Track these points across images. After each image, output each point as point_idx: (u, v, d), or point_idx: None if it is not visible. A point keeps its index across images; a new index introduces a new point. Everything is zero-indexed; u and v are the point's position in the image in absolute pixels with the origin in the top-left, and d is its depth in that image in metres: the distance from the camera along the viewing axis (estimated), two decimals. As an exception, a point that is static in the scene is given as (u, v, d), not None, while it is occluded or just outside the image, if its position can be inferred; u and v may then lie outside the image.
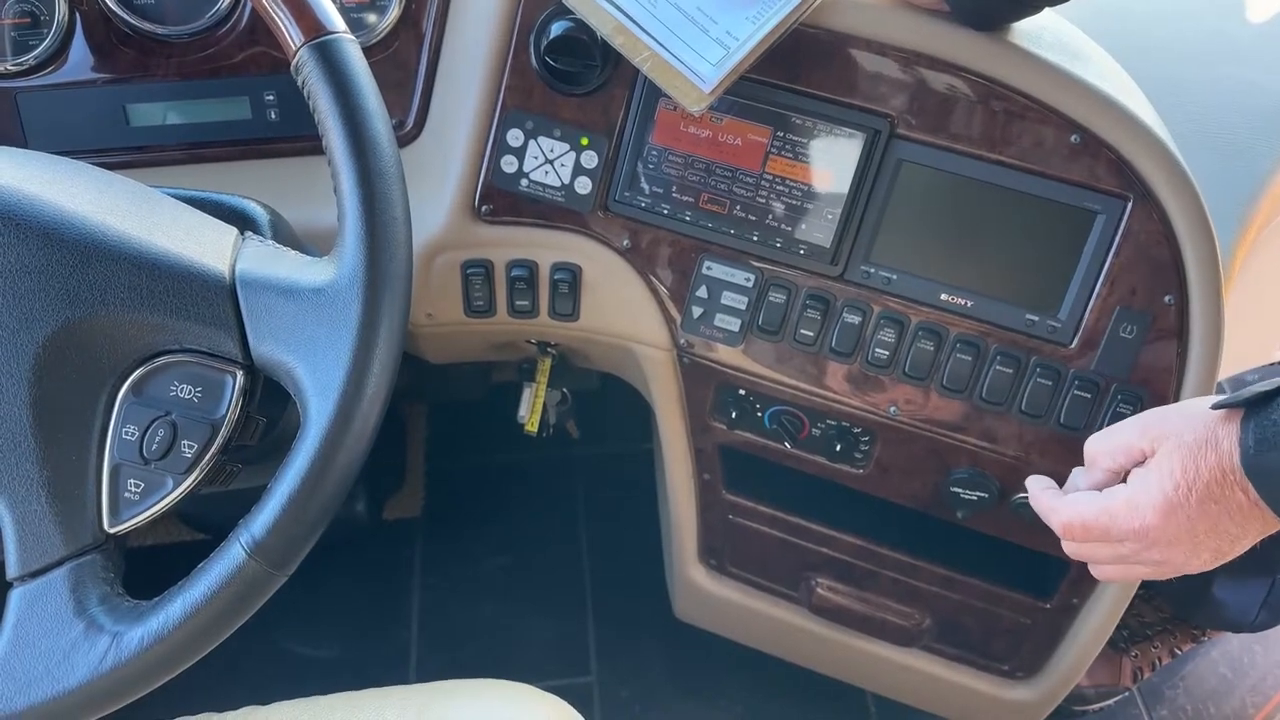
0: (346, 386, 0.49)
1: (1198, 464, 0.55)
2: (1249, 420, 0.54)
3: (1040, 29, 0.73)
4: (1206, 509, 0.55)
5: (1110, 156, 0.71)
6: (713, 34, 0.68)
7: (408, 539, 1.39)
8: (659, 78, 0.69)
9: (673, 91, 0.69)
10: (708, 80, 0.68)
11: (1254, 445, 0.53)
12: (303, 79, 0.53)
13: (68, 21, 0.76)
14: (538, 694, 0.71)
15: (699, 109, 0.69)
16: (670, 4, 0.69)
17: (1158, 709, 1.25)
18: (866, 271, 0.77)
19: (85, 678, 0.49)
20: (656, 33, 0.68)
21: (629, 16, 0.68)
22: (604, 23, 0.69)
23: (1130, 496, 0.59)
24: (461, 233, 0.80)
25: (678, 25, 0.69)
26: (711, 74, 0.68)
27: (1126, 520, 0.58)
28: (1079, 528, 0.62)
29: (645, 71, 0.69)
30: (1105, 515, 0.60)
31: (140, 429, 0.52)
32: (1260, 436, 0.53)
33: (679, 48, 0.68)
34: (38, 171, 0.53)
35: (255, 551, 0.49)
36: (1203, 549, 0.57)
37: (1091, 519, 0.61)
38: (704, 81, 0.68)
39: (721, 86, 0.68)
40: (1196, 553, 0.58)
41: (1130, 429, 0.60)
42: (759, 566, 0.98)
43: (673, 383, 0.86)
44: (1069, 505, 0.63)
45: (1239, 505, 0.54)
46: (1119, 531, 0.59)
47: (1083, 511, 0.62)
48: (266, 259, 0.54)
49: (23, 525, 0.50)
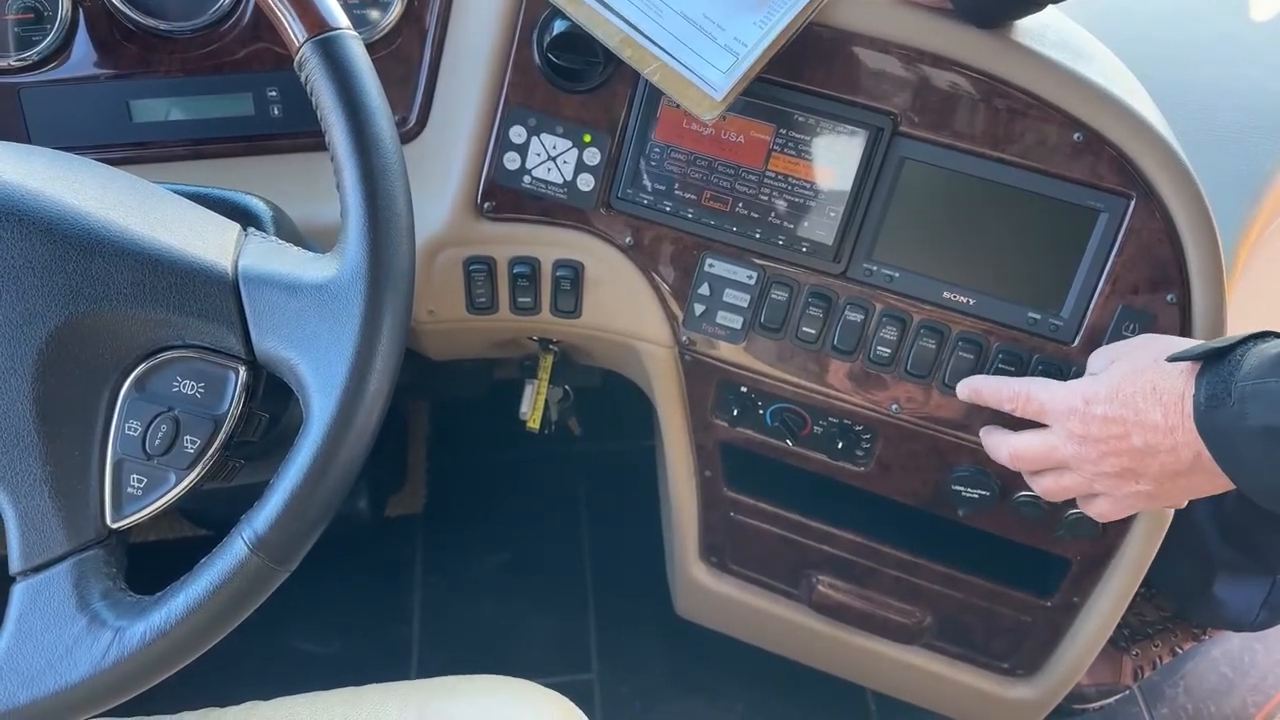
0: (349, 383, 0.49)
1: (1134, 378, 0.62)
2: (1202, 376, 0.58)
3: (1043, 27, 0.73)
4: (1122, 412, 0.62)
5: (1113, 154, 0.71)
6: (721, 41, 0.68)
7: (409, 536, 1.40)
8: (669, 88, 0.68)
9: (684, 101, 0.68)
10: (719, 88, 0.67)
11: (1205, 401, 0.57)
12: (306, 75, 0.53)
13: (71, 17, 0.76)
14: (540, 691, 0.71)
15: (711, 117, 0.68)
16: (677, 13, 0.69)
17: (1158, 708, 1.25)
18: (869, 269, 0.77)
19: (88, 672, 0.49)
20: (664, 43, 0.68)
21: (635, 28, 0.68)
22: (610, 35, 0.68)
23: (1072, 382, 0.67)
24: (464, 229, 0.80)
25: (685, 34, 0.68)
26: (722, 82, 0.67)
27: (1061, 398, 0.66)
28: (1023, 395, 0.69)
29: (655, 83, 0.68)
30: (1045, 389, 0.68)
31: (143, 424, 0.52)
32: (1211, 392, 0.57)
33: (688, 57, 0.67)
34: (41, 167, 0.53)
35: (258, 547, 0.49)
36: (1110, 456, 0.63)
37: (1034, 390, 0.68)
38: (715, 90, 0.67)
39: (733, 94, 0.68)
40: (1104, 458, 0.64)
41: (1122, 345, 0.69)
42: (760, 564, 0.98)
43: (674, 380, 0.86)
44: (1022, 380, 0.71)
45: (1153, 423, 0.60)
46: (1051, 406, 0.67)
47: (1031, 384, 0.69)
48: (269, 255, 0.54)
49: (26, 520, 0.50)
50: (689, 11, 0.69)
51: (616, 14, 0.68)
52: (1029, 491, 0.81)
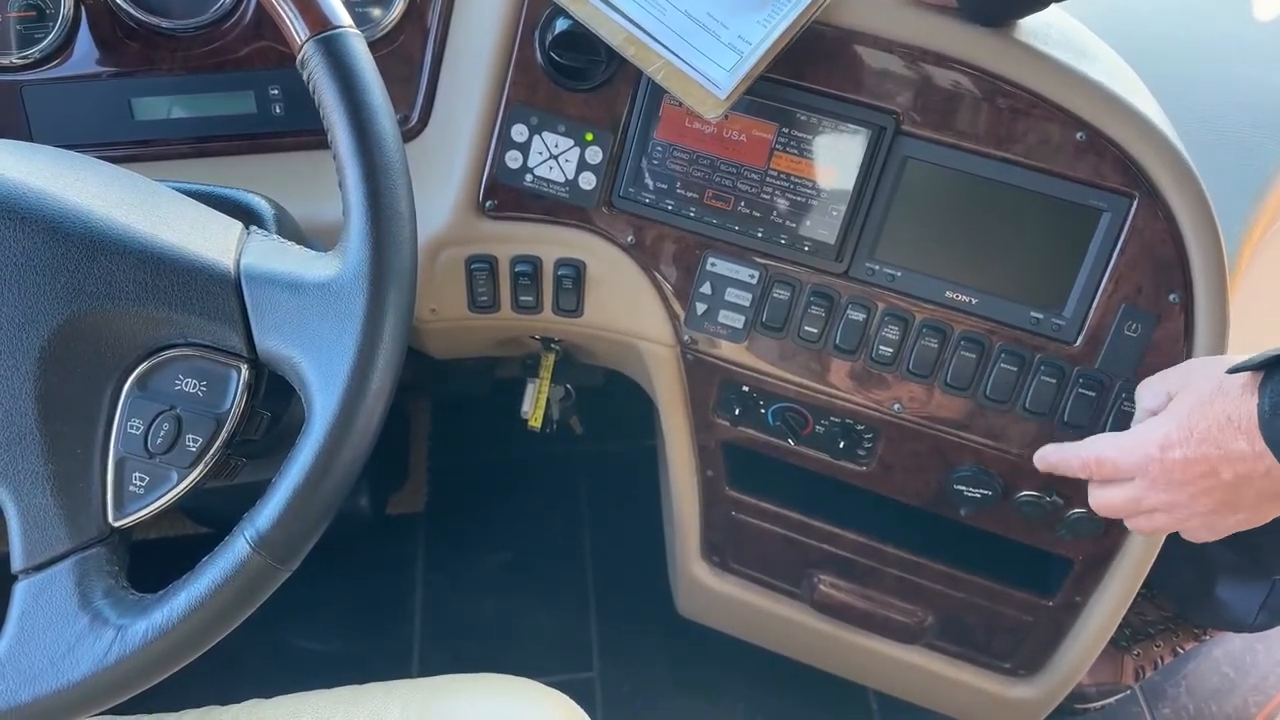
0: (351, 382, 0.49)
1: (1205, 410, 0.59)
2: (1266, 384, 0.56)
3: (1046, 26, 0.73)
4: (1205, 450, 0.59)
5: (1116, 154, 0.71)
6: (725, 39, 0.68)
7: (410, 534, 1.40)
8: (673, 87, 0.68)
9: (688, 100, 0.68)
10: (723, 87, 0.67)
11: (1269, 409, 0.55)
12: (308, 74, 0.53)
13: (73, 15, 0.76)
14: (542, 690, 0.71)
15: (716, 115, 0.68)
16: (680, 11, 0.68)
17: (1159, 707, 1.25)
18: (871, 268, 0.77)
19: (89, 671, 0.49)
20: (668, 41, 0.68)
21: (639, 26, 0.68)
22: (614, 34, 0.68)
23: (1139, 430, 0.65)
24: (466, 228, 0.80)
25: (689, 33, 0.68)
26: (726, 80, 0.67)
27: (1133, 450, 0.64)
28: (1094, 462, 0.68)
29: (659, 81, 0.68)
30: (1115, 446, 0.66)
31: (145, 423, 0.52)
32: (1275, 400, 0.55)
33: (691, 55, 0.67)
34: (43, 165, 0.53)
35: (260, 546, 0.49)
36: (1202, 496, 0.61)
37: (1104, 451, 0.67)
38: (719, 88, 0.67)
39: (737, 92, 0.68)
40: (1196, 499, 0.61)
41: (1172, 374, 0.67)
42: (761, 563, 0.98)
43: (676, 379, 0.86)
44: (1090, 441, 0.70)
45: (1240, 454, 0.57)
46: (1126, 464, 0.65)
47: (1099, 445, 0.67)
48: (271, 253, 0.54)
49: (28, 518, 0.50)
50: (692, 10, 0.69)
51: (620, 12, 0.68)
52: (1030, 491, 0.81)
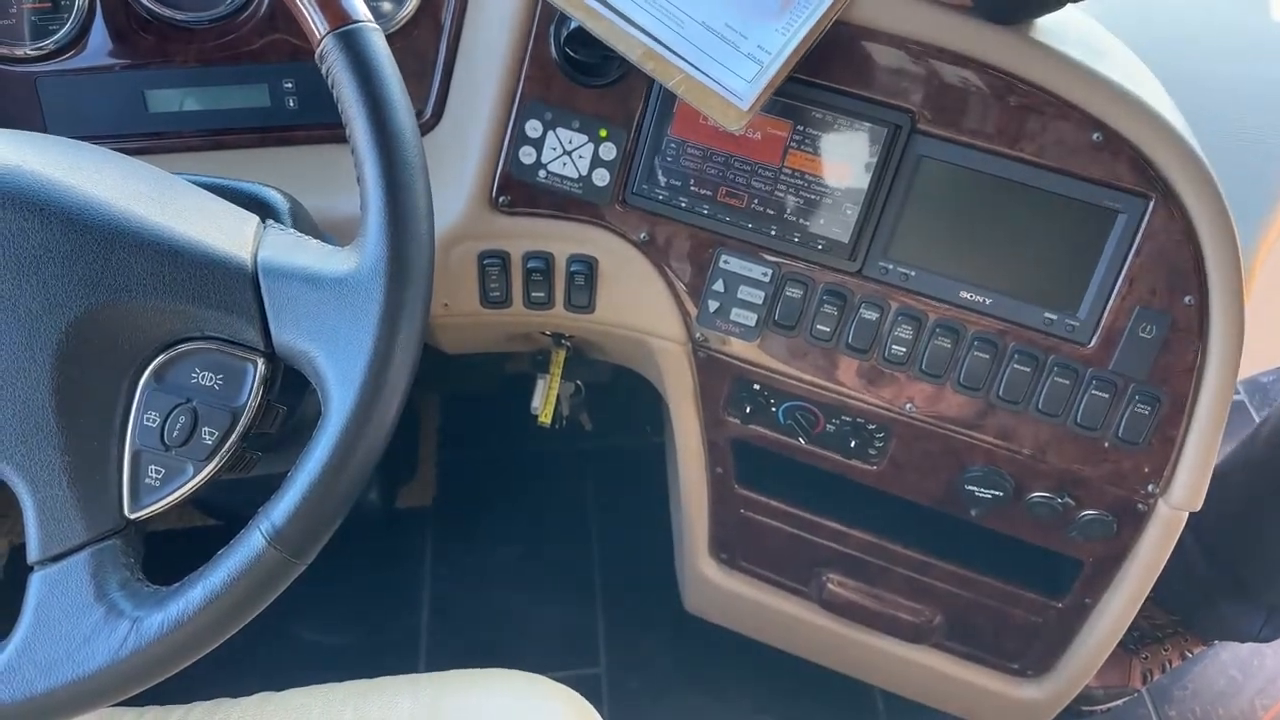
0: (368, 377, 0.49)
1: None
2: None
3: (1062, 25, 0.73)
4: None
5: (1132, 154, 0.70)
6: (744, 49, 0.67)
7: (419, 528, 1.40)
8: (694, 99, 0.68)
9: (709, 112, 0.68)
10: (744, 98, 0.67)
11: None
12: (327, 68, 0.53)
13: (87, 6, 0.76)
14: (551, 685, 0.71)
15: (738, 127, 0.68)
16: (698, 23, 0.68)
17: (1166, 710, 1.25)
18: (885, 267, 0.76)
19: (105, 662, 0.49)
20: (687, 54, 0.67)
21: (657, 40, 0.67)
22: (632, 48, 0.68)
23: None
24: (479, 223, 0.80)
25: (708, 44, 0.68)
26: (747, 91, 0.67)
27: None
28: None
29: (680, 95, 0.68)
30: None
31: (161, 415, 0.52)
32: None
33: (711, 67, 0.67)
34: (61, 157, 0.53)
35: (275, 540, 0.49)
36: None
37: None
38: (740, 99, 0.67)
39: (759, 102, 0.67)
40: None
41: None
42: (770, 561, 0.98)
43: (687, 377, 0.86)
44: None
45: None
46: None
47: None
48: (289, 247, 0.54)
49: (44, 509, 0.50)
50: (711, 21, 0.68)
51: (638, 26, 0.67)
52: (1042, 492, 0.81)
